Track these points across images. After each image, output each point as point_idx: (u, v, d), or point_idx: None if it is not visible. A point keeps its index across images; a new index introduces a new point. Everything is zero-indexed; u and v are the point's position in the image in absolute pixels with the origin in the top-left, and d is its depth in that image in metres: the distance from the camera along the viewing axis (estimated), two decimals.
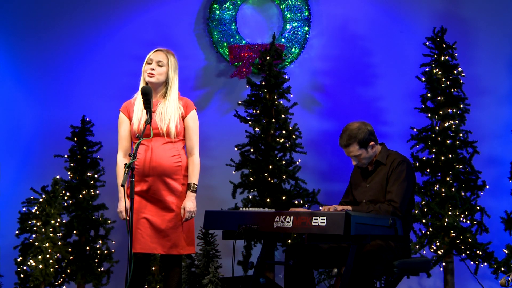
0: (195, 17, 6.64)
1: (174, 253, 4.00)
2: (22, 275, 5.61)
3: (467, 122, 5.85)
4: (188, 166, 4.04)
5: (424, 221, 5.64)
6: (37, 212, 5.62)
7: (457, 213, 5.55)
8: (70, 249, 5.79)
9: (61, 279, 5.79)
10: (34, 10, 6.63)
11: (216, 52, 6.59)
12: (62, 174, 5.93)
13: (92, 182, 5.98)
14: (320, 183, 6.19)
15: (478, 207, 5.65)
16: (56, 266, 5.66)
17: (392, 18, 6.52)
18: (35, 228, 5.60)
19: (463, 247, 5.57)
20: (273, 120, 5.87)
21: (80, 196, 5.90)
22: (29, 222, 5.65)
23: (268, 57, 5.95)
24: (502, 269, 5.46)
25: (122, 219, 4.03)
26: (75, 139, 6.02)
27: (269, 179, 5.74)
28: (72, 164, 5.98)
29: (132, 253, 3.52)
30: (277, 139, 5.84)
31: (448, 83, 5.79)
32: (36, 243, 5.52)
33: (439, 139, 5.72)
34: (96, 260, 5.87)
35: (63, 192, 5.82)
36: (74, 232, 5.87)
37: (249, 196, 5.91)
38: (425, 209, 5.67)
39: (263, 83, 5.93)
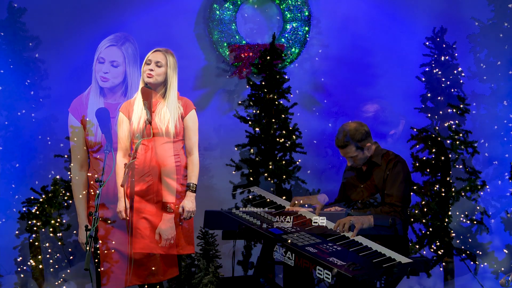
0: (195, 17, 6.63)
1: (173, 253, 4.00)
2: (22, 275, 5.61)
3: (467, 122, 5.84)
4: (187, 166, 4.04)
5: (424, 221, 5.64)
6: (37, 212, 5.62)
7: (457, 213, 5.55)
8: (70, 249, 5.79)
9: (61, 279, 5.79)
10: (34, 10, 6.62)
11: (216, 52, 6.58)
12: (62, 174, 5.92)
13: (92, 182, 5.96)
14: (320, 183, 6.19)
15: (478, 207, 5.65)
16: (56, 266, 5.66)
17: (392, 18, 6.51)
18: (35, 228, 5.59)
19: (463, 247, 5.57)
20: (273, 120, 5.87)
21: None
22: (29, 222, 5.65)
23: (268, 57, 5.95)
24: (502, 269, 5.46)
25: (121, 219, 4.03)
26: (75, 139, 6.00)
27: (269, 179, 5.74)
28: (72, 164, 5.96)
29: (132, 253, 3.52)
30: (277, 139, 5.84)
31: (448, 83, 5.79)
32: (36, 243, 5.51)
33: (439, 139, 5.71)
34: (96, 260, 5.86)
35: (63, 192, 5.81)
36: (74, 232, 5.87)
37: (249, 196, 5.90)
38: (425, 209, 5.66)
39: (263, 83, 5.92)
